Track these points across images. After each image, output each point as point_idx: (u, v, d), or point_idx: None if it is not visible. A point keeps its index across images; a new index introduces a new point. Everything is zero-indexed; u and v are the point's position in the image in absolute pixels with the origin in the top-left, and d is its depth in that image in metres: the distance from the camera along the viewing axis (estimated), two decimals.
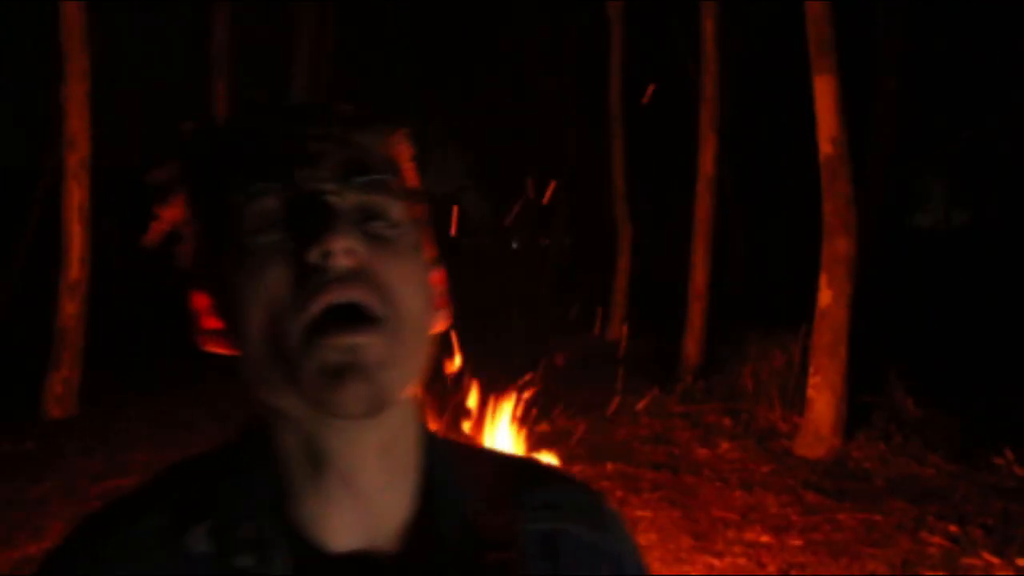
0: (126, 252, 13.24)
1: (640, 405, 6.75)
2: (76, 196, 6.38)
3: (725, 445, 5.76)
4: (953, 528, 4.17)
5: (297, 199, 0.56)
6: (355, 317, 0.54)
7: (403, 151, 0.64)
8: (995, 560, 3.78)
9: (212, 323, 0.61)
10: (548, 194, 11.80)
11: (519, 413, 4.19)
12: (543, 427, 5.84)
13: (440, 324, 0.65)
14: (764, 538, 4.09)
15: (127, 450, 5.39)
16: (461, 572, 0.59)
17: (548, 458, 4.33)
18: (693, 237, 8.41)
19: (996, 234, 17.61)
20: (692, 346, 8.21)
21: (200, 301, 0.62)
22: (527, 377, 4.48)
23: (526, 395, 4.25)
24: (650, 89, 8.72)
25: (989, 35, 12.76)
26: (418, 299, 0.58)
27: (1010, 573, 3.69)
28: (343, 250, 0.53)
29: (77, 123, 6.40)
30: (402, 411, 0.60)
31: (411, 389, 0.59)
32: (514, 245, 22.76)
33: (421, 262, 0.61)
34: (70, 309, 6.38)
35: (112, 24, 10.42)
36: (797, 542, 4.05)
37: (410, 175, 0.64)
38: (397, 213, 0.59)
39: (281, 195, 0.56)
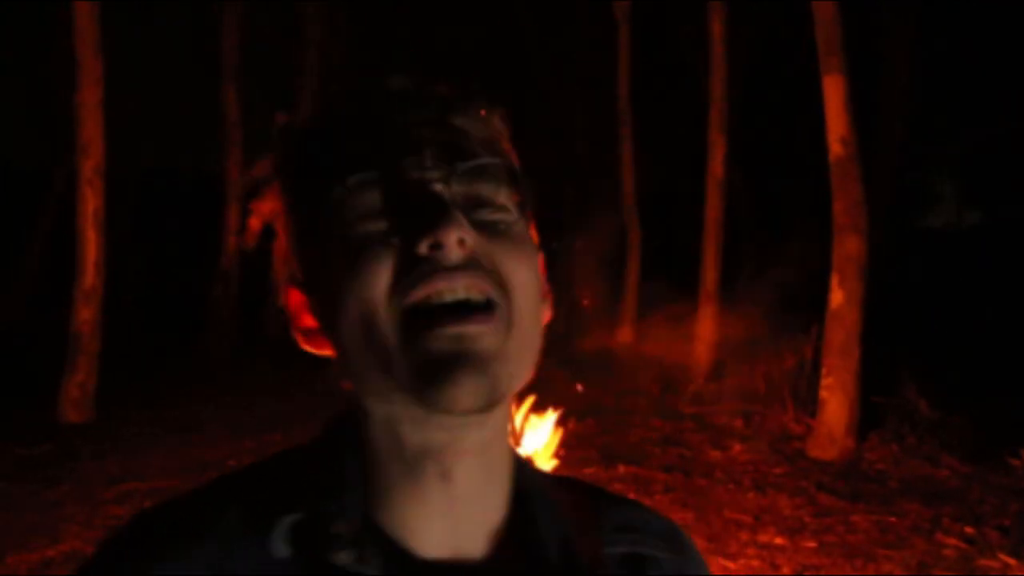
0: (139, 257, 13.33)
1: (651, 407, 6.74)
2: (91, 202, 6.43)
3: (737, 447, 5.75)
4: (969, 530, 4.15)
5: (402, 189, 0.53)
6: (466, 309, 0.50)
7: (503, 132, 0.61)
8: (1012, 561, 3.76)
9: (308, 321, 0.58)
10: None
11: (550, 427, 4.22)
12: (556, 430, 5.85)
13: (547, 314, 0.61)
14: (778, 540, 4.08)
15: (141, 454, 5.42)
16: None
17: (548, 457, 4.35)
18: (703, 238, 8.40)
19: (1008, 233, 17.50)
20: (703, 348, 8.20)
21: (295, 298, 0.59)
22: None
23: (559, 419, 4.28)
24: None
25: (999, 33, 12.70)
26: (532, 288, 0.55)
27: None
28: (456, 240, 0.50)
29: (91, 129, 6.45)
30: (504, 410, 0.56)
31: (522, 384, 0.55)
32: None
33: (531, 248, 0.57)
34: (85, 315, 6.43)
35: (123, 31, 10.51)
36: (811, 544, 4.04)
37: (512, 157, 0.61)
38: (503, 198, 0.56)
39: (384, 185, 0.53)
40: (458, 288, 0.50)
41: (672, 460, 5.47)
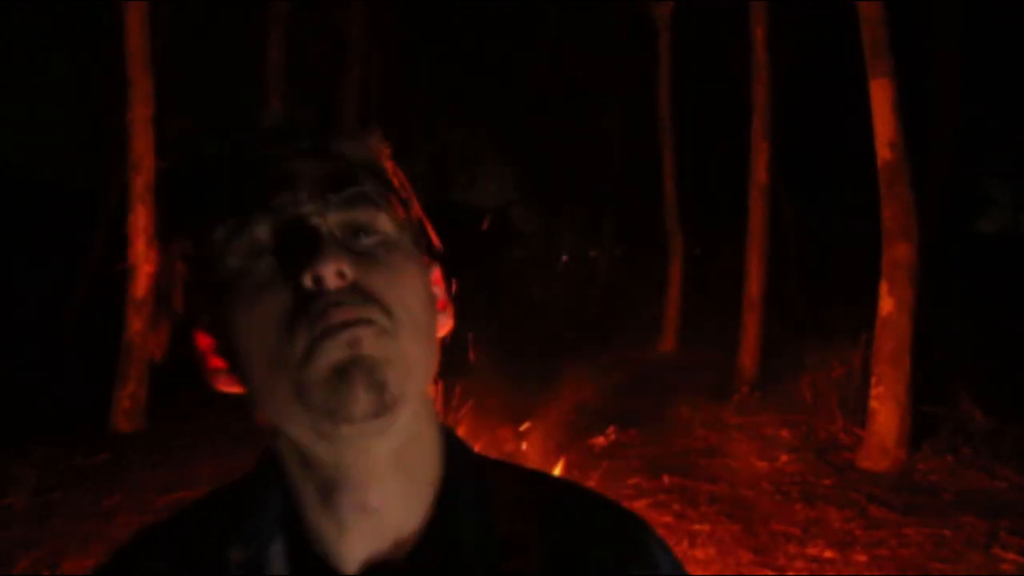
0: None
1: (695, 417, 6.67)
2: (142, 217, 6.60)
3: (784, 457, 5.65)
4: None
5: (280, 226, 0.55)
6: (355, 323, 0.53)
7: (382, 150, 0.63)
8: None
9: (216, 362, 0.60)
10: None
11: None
12: (599, 440, 5.82)
13: (445, 326, 0.64)
14: (827, 553, 4.00)
15: (191, 463, 5.54)
16: None
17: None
18: (747, 246, 8.30)
19: None
20: (747, 357, 8.08)
21: (202, 341, 0.61)
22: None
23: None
24: None
25: None
26: (416, 302, 0.57)
27: None
28: (333, 273, 0.53)
29: (142, 146, 6.63)
30: (414, 419, 0.58)
31: (420, 393, 0.58)
32: (564, 257, 22.72)
33: (416, 266, 0.60)
34: (137, 326, 6.59)
35: (172, 48, 10.80)
36: (862, 558, 3.94)
37: (394, 176, 0.63)
38: (383, 223, 0.58)
39: (265, 223, 0.55)
40: (341, 314, 0.53)
41: (717, 471, 5.40)
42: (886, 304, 5.40)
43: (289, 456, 0.59)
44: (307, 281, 0.53)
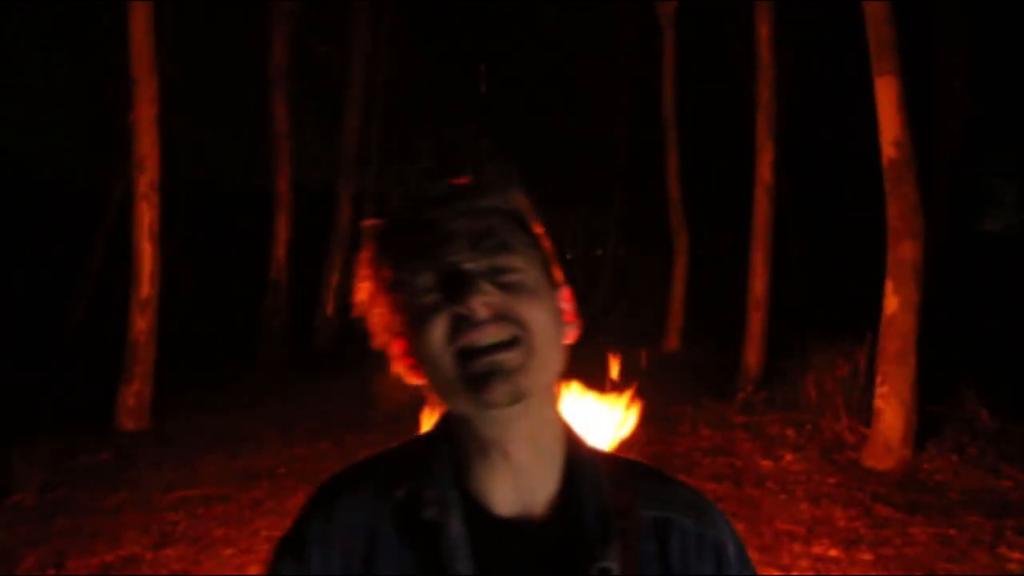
0: (192, 269, 13.67)
1: (700, 416, 6.66)
2: (146, 216, 6.61)
3: (789, 456, 5.64)
4: None
5: (443, 269, 0.77)
6: (496, 348, 0.75)
7: (522, 201, 0.84)
8: None
9: (408, 361, 0.83)
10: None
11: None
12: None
13: (572, 335, 0.84)
14: (832, 552, 3.99)
15: (195, 462, 5.54)
16: (592, 534, 0.78)
17: None
18: (751, 245, 8.28)
19: None
20: (752, 356, 8.07)
21: (397, 347, 0.83)
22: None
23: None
24: None
25: None
26: (547, 322, 0.78)
27: None
28: (480, 304, 0.75)
29: (146, 146, 6.64)
30: (544, 408, 0.81)
31: (547, 387, 0.80)
32: (568, 256, 22.71)
33: (546, 291, 0.81)
34: (141, 325, 6.61)
35: (177, 49, 10.82)
36: (867, 556, 3.93)
37: (531, 219, 0.84)
38: (518, 262, 0.79)
39: (432, 268, 0.78)
40: (486, 337, 0.75)
41: (722, 469, 5.39)
42: (891, 303, 5.39)
43: (458, 424, 0.81)
44: (461, 310, 0.75)
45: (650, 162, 13.02)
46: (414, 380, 0.83)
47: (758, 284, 8.19)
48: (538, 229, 0.85)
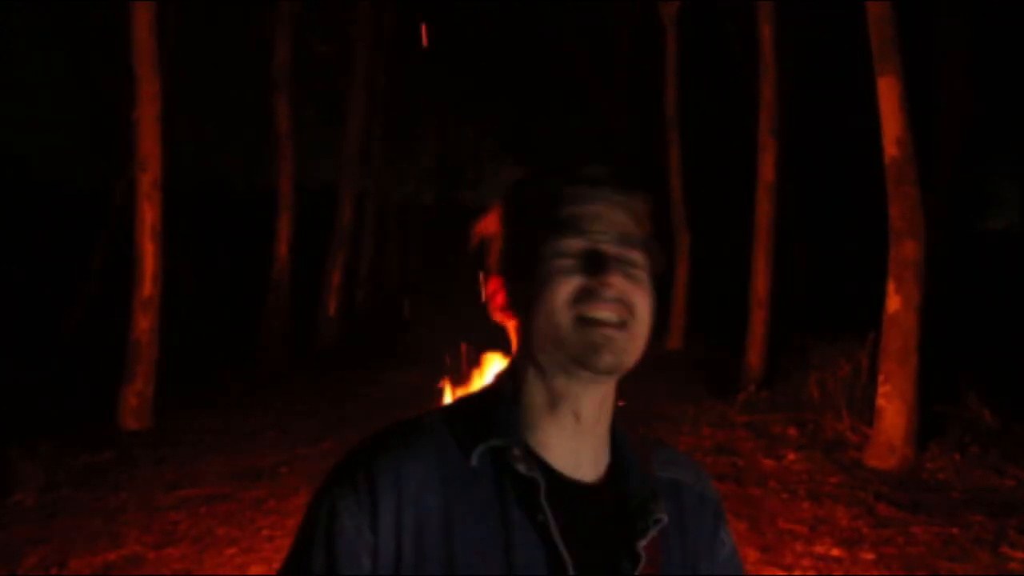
0: (195, 268, 13.67)
1: (702, 415, 6.65)
2: (148, 216, 6.60)
3: (791, 456, 5.63)
4: None
5: (587, 245, 0.86)
6: (610, 324, 0.84)
7: (648, 210, 0.94)
8: None
9: (501, 301, 0.92)
10: None
11: None
12: None
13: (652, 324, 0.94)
14: (835, 551, 3.99)
15: (197, 461, 5.54)
16: (642, 491, 0.89)
17: None
18: (753, 244, 8.28)
19: None
20: (754, 355, 8.07)
21: (494, 284, 0.94)
22: None
23: None
24: None
25: None
26: (647, 313, 0.88)
27: None
28: (616, 281, 0.85)
29: (149, 145, 6.63)
30: (613, 384, 0.91)
31: (632, 366, 0.89)
32: None
33: (650, 290, 0.90)
34: (143, 324, 6.60)
35: (179, 48, 10.82)
36: (869, 556, 3.93)
37: (650, 230, 0.93)
38: (638, 258, 0.89)
39: (579, 239, 0.86)
40: (607, 313, 0.84)
41: (724, 468, 5.39)
42: (893, 302, 5.38)
43: (533, 377, 0.89)
44: (595, 284, 0.84)
45: (652, 160, 13.00)
46: (500, 319, 0.94)
47: (760, 283, 8.18)
48: (653, 231, 0.94)
